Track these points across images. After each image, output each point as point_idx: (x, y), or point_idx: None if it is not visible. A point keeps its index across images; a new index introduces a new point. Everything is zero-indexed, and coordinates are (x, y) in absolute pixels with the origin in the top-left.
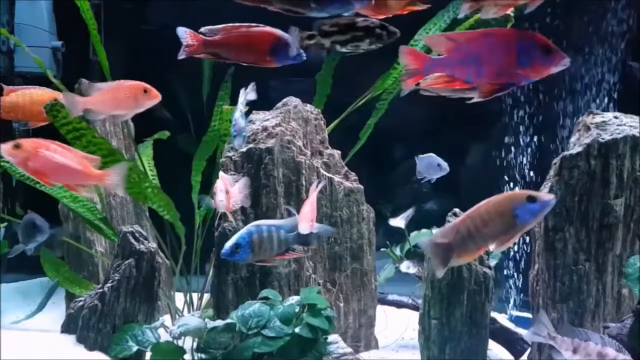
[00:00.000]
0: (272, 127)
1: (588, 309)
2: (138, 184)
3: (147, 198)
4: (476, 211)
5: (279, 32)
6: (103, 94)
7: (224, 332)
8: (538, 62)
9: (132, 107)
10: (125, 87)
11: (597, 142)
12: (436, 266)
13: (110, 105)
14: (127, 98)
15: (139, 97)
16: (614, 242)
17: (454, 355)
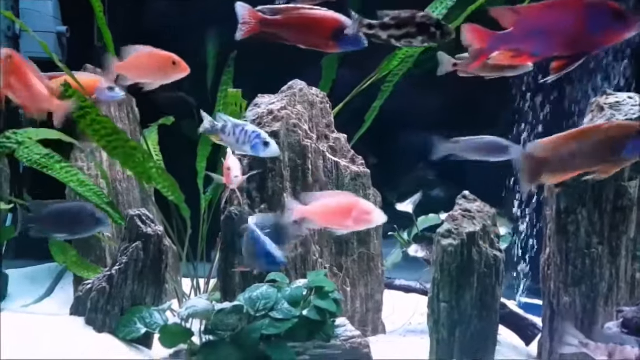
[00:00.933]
0: (277, 110)
1: (601, 293)
2: (142, 163)
3: (151, 178)
4: (581, 133)
5: (342, 17)
6: (135, 60)
7: (232, 314)
8: (610, 28)
9: (159, 77)
10: (156, 56)
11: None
12: (525, 180)
13: (139, 72)
14: (156, 67)
15: (167, 69)
16: (628, 225)
17: (463, 338)
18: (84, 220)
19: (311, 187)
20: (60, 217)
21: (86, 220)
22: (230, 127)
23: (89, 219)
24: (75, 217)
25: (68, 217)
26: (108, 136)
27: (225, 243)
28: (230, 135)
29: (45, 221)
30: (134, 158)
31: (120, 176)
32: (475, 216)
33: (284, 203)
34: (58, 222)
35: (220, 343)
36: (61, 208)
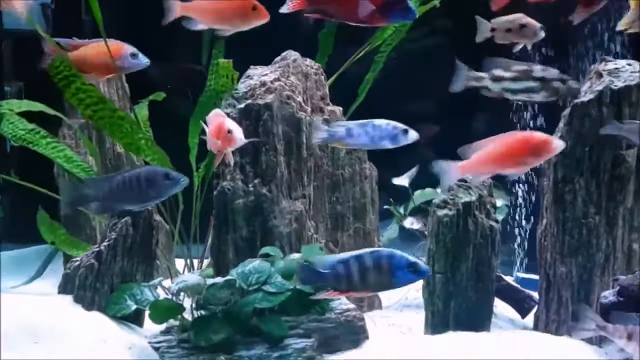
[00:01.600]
0: (270, 82)
1: (597, 263)
2: (130, 134)
3: (140, 150)
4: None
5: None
6: (207, 2)
7: (224, 289)
8: None
9: (236, 22)
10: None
11: (610, 89)
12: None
13: (213, 16)
14: (233, 11)
15: (247, 13)
16: (625, 194)
17: (459, 310)
18: (157, 184)
19: (305, 160)
20: (129, 187)
21: (160, 184)
22: (356, 129)
23: (162, 182)
24: (147, 183)
25: (138, 185)
26: (94, 105)
27: (218, 219)
28: (361, 137)
29: (111, 196)
30: (121, 128)
31: (110, 154)
32: (471, 186)
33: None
34: (128, 193)
35: (211, 317)
36: (128, 177)
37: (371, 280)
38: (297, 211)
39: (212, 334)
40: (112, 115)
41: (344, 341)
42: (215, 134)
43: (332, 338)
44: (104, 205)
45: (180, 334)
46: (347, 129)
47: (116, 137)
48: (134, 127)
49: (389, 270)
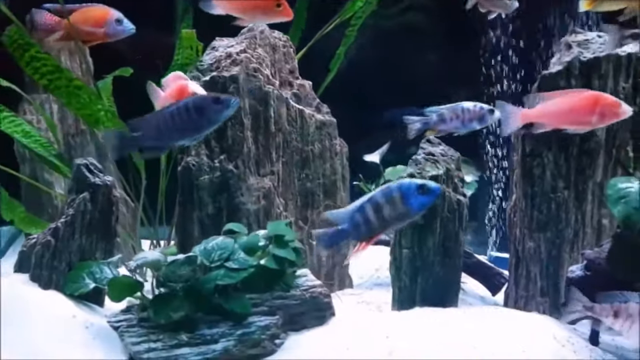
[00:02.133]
0: (236, 53)
1: (566, 239)
2: (89, 105)
3: (99, 122)
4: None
5: None
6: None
7: (185, 266)
8: None
9: (259, 16)
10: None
11: (579, 61)
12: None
13: (238, 4)
14: (257, 5)
15: (271, 10)
16: (594, 168)
17: (425, 285)
18: (208, 110)
19: (274, 135)
20: (179, 120)
21: (211, 110)
22: (448, 113)
23: (213, 107)
24: (197, 111)
25: (188, 116)
26: (49, 74)
27: (183, 196)
28: (453, 120)
29: (161, 133)
30: (79, 99)
31: (73, 130)
32: (438, 160)
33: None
34: (178, 126)
35: (172, 295)
36: (176, 110)
37: (388, 217)
38: (265, 188)
39: (172, 311)
40: (69, 84)
41: (309, 318)
42: (177, 97)
43: (297, 315)
44: (155, 145)
45: (141, 313)
46: (439, 115)
47: (73, 108)
48: (93, 98)
49: (402, 201)
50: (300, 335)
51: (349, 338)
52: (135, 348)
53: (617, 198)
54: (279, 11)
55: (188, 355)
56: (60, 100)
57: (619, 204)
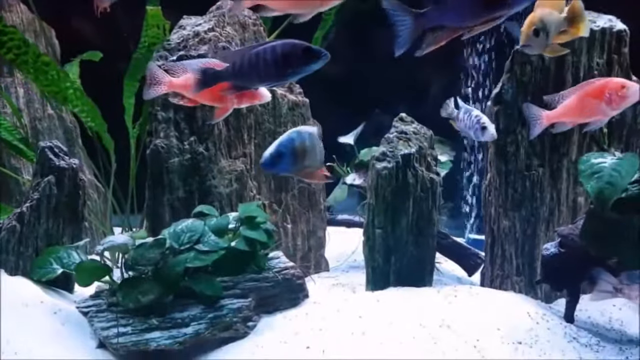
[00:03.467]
0: (204, 32)
1: (542, 217)
2: (57, 82)
3: (67, 100)
4: None
5: None
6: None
7: (153, 248)
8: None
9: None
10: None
11: None
12: None
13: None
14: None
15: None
16: (569, 146)
17: (399, 265)
18: (295, 58)
19: (245, 117)
20: (264, 62)
21: (298, 58)
22: (462, 113)
23: (301, 56)
24: (284, 57)
25: (274, 60)
26: (16, 48)
27: (153, 179)
28: (463, 121)
29: (244, 72)
30: (46, 75)
31: (40, 114)
32: (411, 138)
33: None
34: (262, 69)
35: (140, 278)
36: (262, 51)
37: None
38: (237, 171)
39: (141, 295)
40: (36, 60)
41: (282, 300)
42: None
43: (270, 297)
44: (236, 83)
45: (110, 298)
46: (458, 112)
47: (40, 85)
48: (61, 75)
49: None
50: (272, 317)
51: (322, 319)
52: (105, 333)
53: (590, 174)
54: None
55: (158, 338)
56: (27, 76)
57: (592, 180)
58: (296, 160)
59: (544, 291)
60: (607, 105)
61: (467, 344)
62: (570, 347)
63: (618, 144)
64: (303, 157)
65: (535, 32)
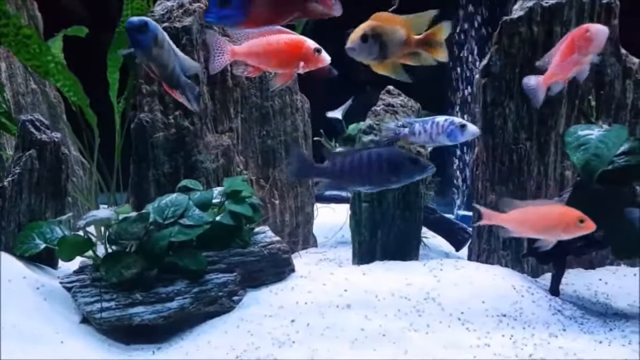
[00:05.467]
0: (189, 3)
1: (529, 191)
2: (38, 55)
3: (48, 74)
4: None
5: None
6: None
7: (137, 223)
8: None
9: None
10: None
11: (540, 6)
12: None
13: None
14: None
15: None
16: (557, 119)
17: (386, 239)
18: (401, 167)
19: (231, 91)
20: (367, 166)
21: (405, 168)
22: (418, 127)
23: (408, 166)
24: (389, 165)
25: (379, 166)
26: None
27: (137, 154)
28: (422, 134)
29: (344, 174)
30: (28, 48)
31: (23, 89)
32: (398, 111)
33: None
34: (363, 172)
35: (124, 253)
36: (367, 155)
37: None
38: (223, 145)
39: (124, 269)
40: (17, 32)
41: (268, 274)
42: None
43: (255, 272)
44: (332, 183)
45: (94, 273)
46: (410, 128)
47: (22, 58)
48: (43, 49)
49: None
50: (258, 291)
51: (308, 293)
52: (88, 308)
53: (576, 145)
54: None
55: (142, 313)
56: (8, 49)
57: (579, 151)
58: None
59: (530, 265)
60: (579, 53)
61: (452, 316)
62: (555, 319)
63: (607, 118)
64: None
65: (363, 38)
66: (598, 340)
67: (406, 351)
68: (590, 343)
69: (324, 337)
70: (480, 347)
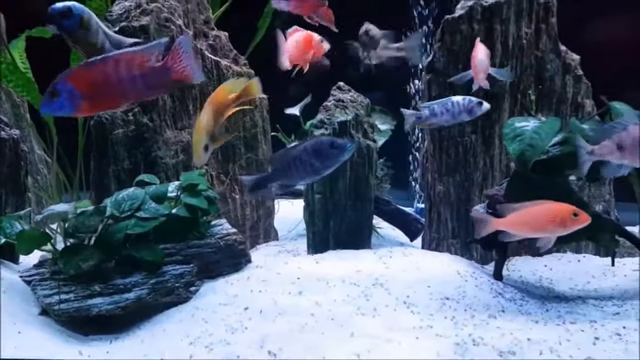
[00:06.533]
0: (146, 3)
1: (475, 182)
2: None
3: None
4: None
5: None
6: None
7: (94, 216)
8: None
9: None
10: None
11: (480, 5)
12: None
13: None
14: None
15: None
16: (500, 113)
17: (338, 229)
18: (324, 154)
19: (190, 88)
20: (300, 162)
21: (326, 154)
22: (438, 108)
23: (329, 151)
24: (315, 154)
25: (308, 158)
26: None
27: (98, 151)
28: (444, 115)
29: (288, 174)
30: None
31: None
32: (347, 106)
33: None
34: (300, 168)
35: (81, 246)
36: (298, 152)
37: None
38: (183, 142)
39: (82, 261)
40: None
41: (225, 265)
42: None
43: (212, 263)
44: (281, 186)
45: (53, 267)
46: (431, 110)
47: None
48: None
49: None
50: (215, 282)
51: (263, 282)
52: (47, 300)
53: (513, 136)
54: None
55: (100, 304)
56: None
57: (515, 142)
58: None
59: (479, 253)
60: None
61: (398, 300)
62: (495, 301)
63: (548, 112)
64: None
65: (205, 148)
66: (534, 320)
67: (352, 333)
68: (526, 323)
69: (275, 323)
70: (423, 328)
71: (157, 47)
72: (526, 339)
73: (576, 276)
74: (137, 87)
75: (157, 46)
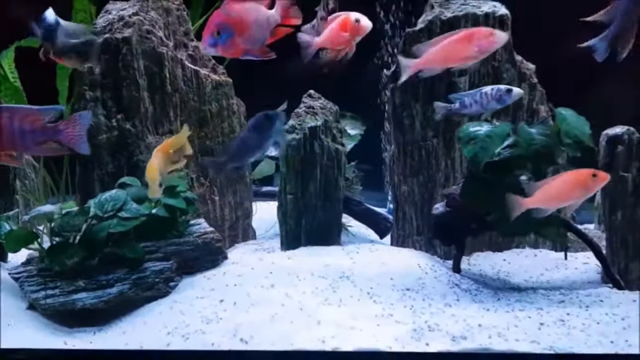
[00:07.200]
0: (128, 16)
1: (438, 182)
2: None
3: None
4: None
5: None
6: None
7: (78, 216)
8: None
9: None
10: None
11: (439, 20)
12: None
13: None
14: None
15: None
16: (460, 119)
17: (310, 227)
18: (261, 127)
19: (170, 96)
20: (245, 139)
21: (264, 126)
22: (468, 100)
23: (265, 124)
24: (255, 130)
25: (249, 135)
26: None
27: (83, 155)
28: (473, 106)
29: (238, 153)
30: None
31: None
32: (317, 112)
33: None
34: (247, 146)
35: (66, 244)
36: (244, 132)
37: None
38: None
39: (67, 258)
40: None
41: (203, 262)
42: (343, 27)
43: (191, 260)
44: (231, 162)
45: (40, 264)
46: (461, 102)
47: None
48: None
49: None
50: (193, 277)
51: (238, 277)
52: (34, 295)
53: (467, 140)
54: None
55: (85, 299)
56: None
57: (469, 145)
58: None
59: (442, 249)
60: (478, 48)
61: (362, 291)
62: (452, 292)
63: (505, 117)
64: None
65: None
66: (486, 309)
67: (319, 322)
68: (478, 311)
69: (248, 314)
70: (385, 317)
71: (52, 111)
72: (477, 325)
73: (531, 269)
74: (25, 141)
75: (52, 110)
